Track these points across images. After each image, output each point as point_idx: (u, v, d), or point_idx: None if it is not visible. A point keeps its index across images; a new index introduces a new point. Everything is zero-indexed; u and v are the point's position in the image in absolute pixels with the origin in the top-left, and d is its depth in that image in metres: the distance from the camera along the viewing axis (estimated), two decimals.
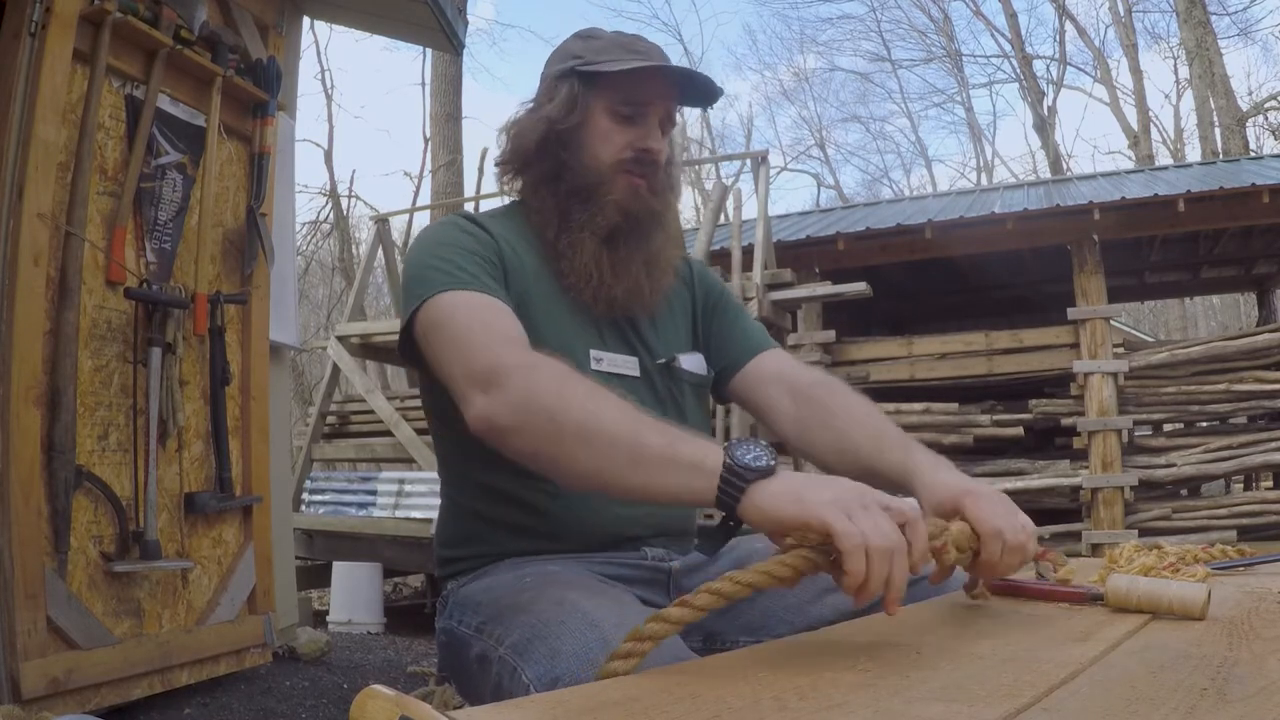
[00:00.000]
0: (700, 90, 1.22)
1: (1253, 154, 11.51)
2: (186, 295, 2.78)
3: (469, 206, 9.51)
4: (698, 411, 1.30)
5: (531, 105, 1.24)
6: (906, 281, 7.81)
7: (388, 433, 6.04)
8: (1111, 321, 6.20)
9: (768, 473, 0.80)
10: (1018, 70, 18.53)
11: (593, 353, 1.19)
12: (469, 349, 1.01)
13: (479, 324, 1.04)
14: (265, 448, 3.14)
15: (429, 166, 12.98)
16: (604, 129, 1.18)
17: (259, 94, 3.09)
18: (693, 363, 1.28)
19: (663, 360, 1.25)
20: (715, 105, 1.25)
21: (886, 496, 0.78)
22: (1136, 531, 5.57)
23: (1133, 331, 10.19)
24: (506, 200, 1.32)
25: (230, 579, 2.93)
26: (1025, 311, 8.15)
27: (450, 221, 1.20)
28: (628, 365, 1.22)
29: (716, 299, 1.36)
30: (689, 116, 20.10)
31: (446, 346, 1.04)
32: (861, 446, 1.12)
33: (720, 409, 5.03)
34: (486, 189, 12.22)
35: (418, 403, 6.16)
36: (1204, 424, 6.23)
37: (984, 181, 18.65)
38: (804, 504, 0.75)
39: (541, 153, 1.20)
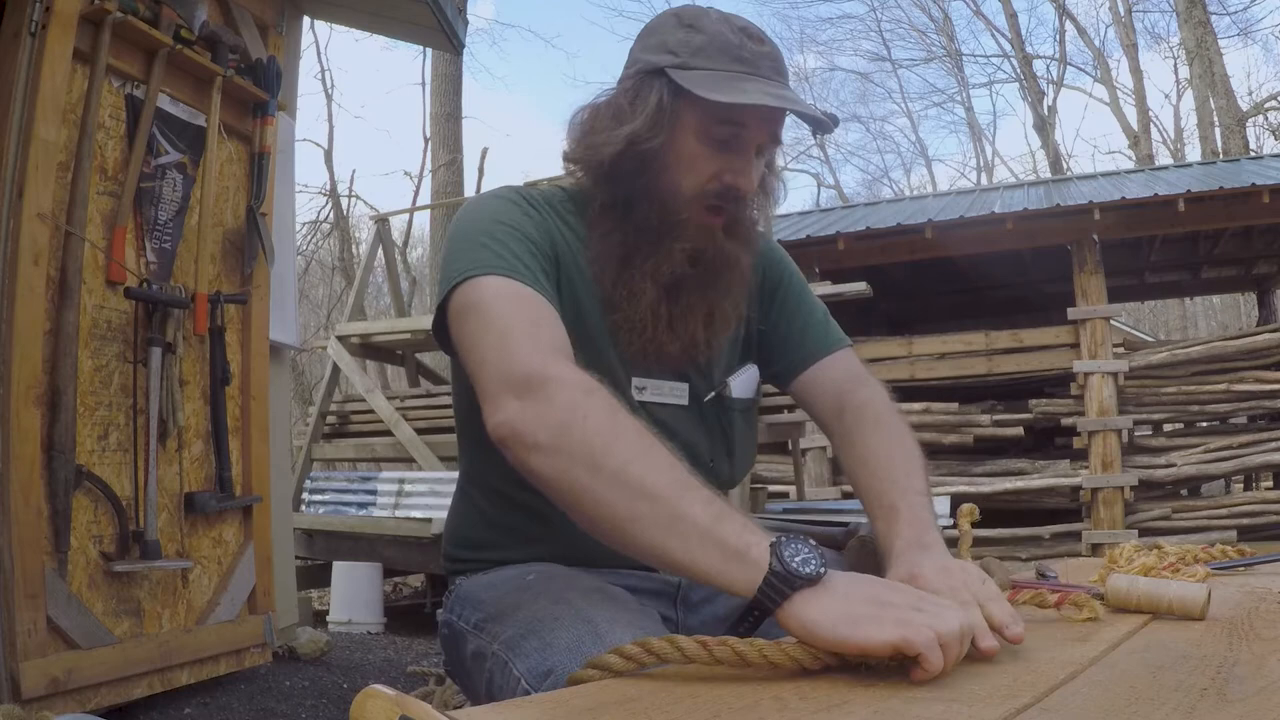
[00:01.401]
0: (812, 116, 1.04)
1: (1253, 154, 11.51)
2: (186, 295, 2.78)
3: None
4: (746, 434, 1.22)
5: (612, 97, 1.07)
6: (906, 281, 7.81)
7: (388, 433, 6.03)
8: (1111, 321, 6.20)
9: (814, 580, 0.72)
10: (1018, 70, 18.53)
11: (635, 380, 1.09)
12: (509, 346, 0.89)
13: (525, 320, 0.92)
14: (265, 448, 3.14)
15: (429, 166, 12.98)
16: (691, 153, 1.03)
17: (259, 94, 3.09)
18: (743, 385, 1.19)
19: (713, 393, 1.15)
20: (829, 135, 1.08)
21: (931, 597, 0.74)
22: (1136, 531, 5.57)
23: (1133, 331, 10.18)
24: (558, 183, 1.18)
25: (230, 579, 2.93)
26: (1025, 311, 8.15)
27: (511, 197, 1.07)
28: (675, 393, 1.12)
29: (776, 283, 1.22)
30: None
31: (483, 335, 0.92)
32: (863, 500, 1.06)
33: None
34: (486, 189, 12.19)
35: (418, 403, 6.21)
36: (1204, 424, 6.24)
37: (984, 181, 18.65)
38: (859, 628, 0.68)
39: (615, 172, 1.05)
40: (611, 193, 1.06)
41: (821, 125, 1.04)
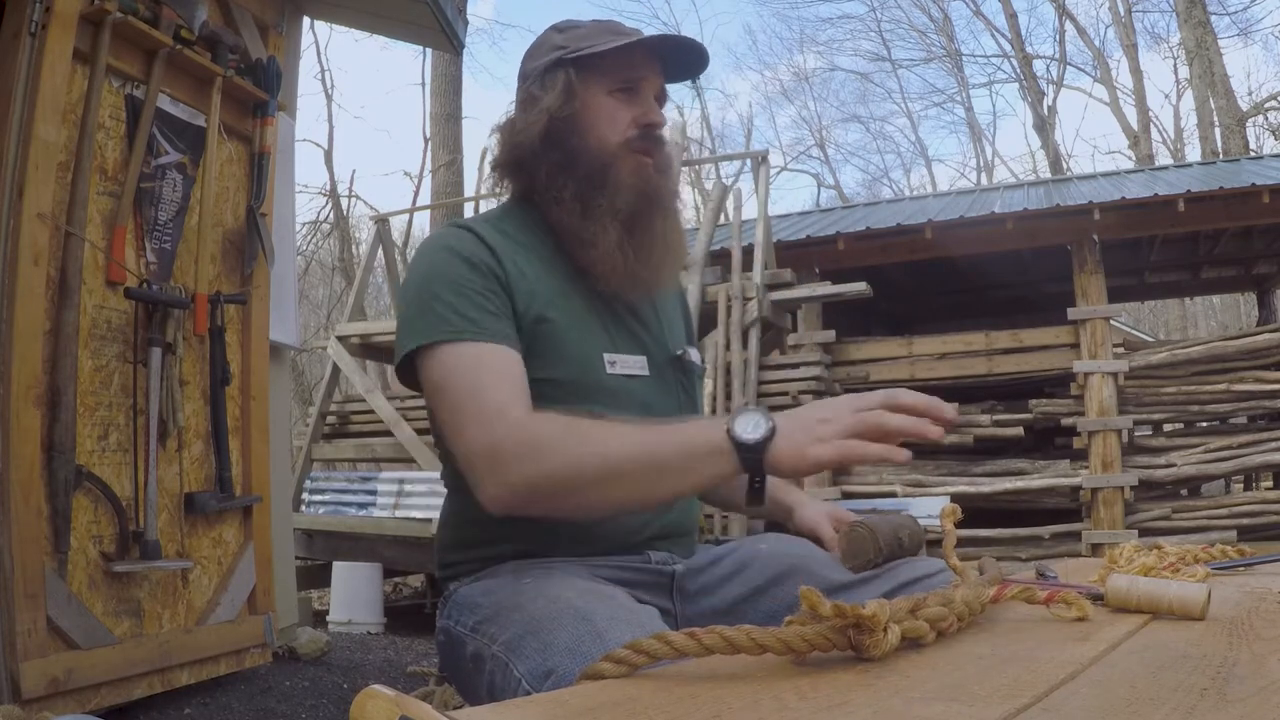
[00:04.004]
0: (687, 62, 1.24)
1: (1253, 154, 11.51)
2: (186, 295, 2.78)
3: (468, 206, 9.50)
4: (701, 404, 1.35)
5: (522, 102, 1.22)
6: (906, 281, 7.81)
7: (388, 433, 6.03)
8: (1111, 321, 6.19)
9: (771, 436, 0.91)
10: (1018, 70, 18.53)
11: (606, 356, 1.18)
12: (467, 424, 1.03)
13: (470, 389, 1.04)
14: (265, 448, 3.14)
15: (429, 166, 12.98)
16: (607, 110, 1.19)
17: (259, 94, 3.09)
18: (696, 355, 1.33)
19: (678, 353, 1.28)
20: (703, 75, 1.32)
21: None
22: (1136, 531, 5.56)
23: (1133, 331, 10.19)
24: (498, 202, 1.31)
25: (230, 579, 2.92)
26: (1025, 311, 8.15)
27: (450, 248, 1.14)
28: (638, 365, 1.22)
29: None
30: (689, 116, 20.13)
31: (448, 418, 1.07)
32: None
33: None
34: (486, 189, 12.21)
35: (418, 402, 6.19)
36: (1204, 424, 6.23)
37: (984, 181, 18.65)
38: (807, 458, 0.91)
39: (548, 144, 1.18)
40: (552, 159, 1.19)
41: (697, 63, 1.24)
